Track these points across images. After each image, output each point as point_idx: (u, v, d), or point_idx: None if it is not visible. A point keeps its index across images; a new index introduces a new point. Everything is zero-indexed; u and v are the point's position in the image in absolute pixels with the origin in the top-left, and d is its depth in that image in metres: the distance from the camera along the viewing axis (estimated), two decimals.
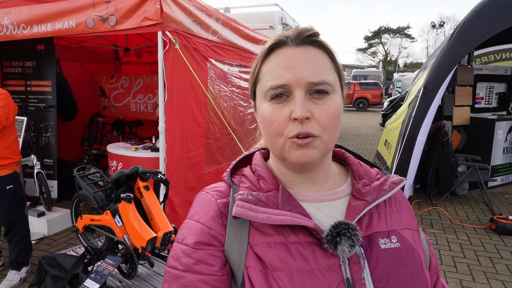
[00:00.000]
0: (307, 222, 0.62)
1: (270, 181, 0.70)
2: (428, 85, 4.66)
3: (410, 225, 0.74)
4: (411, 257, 0.67)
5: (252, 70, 0.71)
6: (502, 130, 5.63)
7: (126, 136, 5.88)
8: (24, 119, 3.76)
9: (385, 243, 0.67)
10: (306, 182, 0.70)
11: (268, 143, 0.68)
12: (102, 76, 5.63)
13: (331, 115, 0.63)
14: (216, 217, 0.67)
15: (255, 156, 0.77)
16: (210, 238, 0.65)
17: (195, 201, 0.73)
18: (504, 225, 4.11)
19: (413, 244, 0.70)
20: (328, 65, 0.65)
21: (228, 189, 0.72)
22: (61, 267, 2.41)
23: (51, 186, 4.41)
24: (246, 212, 0.62)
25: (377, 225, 0.69)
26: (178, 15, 3.18)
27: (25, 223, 3.17)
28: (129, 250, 2.16)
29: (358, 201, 0.69)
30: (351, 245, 0.61)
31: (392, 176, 0.75)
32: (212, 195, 0.71)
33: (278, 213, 0.63)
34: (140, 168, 2.35)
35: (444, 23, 37.10)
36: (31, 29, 3.47)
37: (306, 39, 0.65)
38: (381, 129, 12.59)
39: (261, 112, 0.66)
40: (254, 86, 0.70)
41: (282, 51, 0.65)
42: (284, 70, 0.63)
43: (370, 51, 52.30)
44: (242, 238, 0.65)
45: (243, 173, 0.74)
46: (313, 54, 0.64)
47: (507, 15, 4.45)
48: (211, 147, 3.92)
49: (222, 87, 4.09)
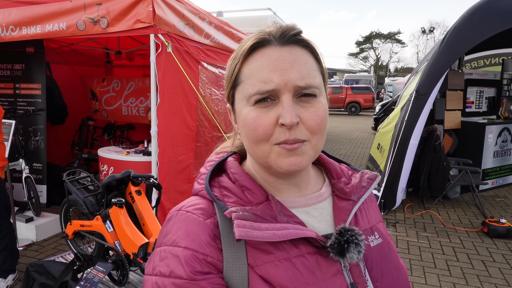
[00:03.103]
0: (309, 232, 0.60)
1: (257, 191, 0.64)
2: (420, 89, 4.69)
3: (380, 218, 0.76)
4: (390, 251, 0.70)
5: (229, 71, 0.65)
6: (492, 134, 5.70)
7: (118, 140, 5.81)
8: (13, 122, 3.68)
9: (372, 241, 0.68)
10: (291, 187, 0.67)
11: (251, 150, 0.62)
12: (93, 79, 5.57)
13: (320, 118, 0.59)
14: (210, 241, 0.58)
15: (230, 163, 0.69)
16: (208, 266, 0.57)
17: (174, 222, 0.62)
18: (496, 228, 4.14)
19: (387, 237, 0.72)
20: (314, 66, 0.61)
21: (209, 205, 0.63)
22: (49, 275, 2.34)
23: (40, 191, 4.32)
24: (251, 232, 0.56)
25: (362, 223, 0.69)
26: (170, 18, 3.16)
27: (9, 230, 3.05)
28: (120, 256, 2.12)
29: (343, 201, 0.68)
30: (359, 251, 0.60)
31: (366, 171, 0.74)
32: (197, 215, 0.61)
33: (280, 227, 0.59)
34: (132, 172, 2.31)
35: (434, 29, 37.65)
36: (20, 31, 3.41)
37: (291, 38, 0.60)
38: (373, 133, 12.68)
39: (243, 116, 0.61)
40: (233, 89, 0.64)
41: (266, 51, 0.59)
42: (271, 72, 0.57)
43: (361, 56, 52.84)
44: (241, 260, 0.58)
45: (221, 184, 0.66)
46: (299, 54, 0.59)
47: (497, 21, 4.52)
48: (201, 151, 3.89)
49: (213, 91, 4.07)
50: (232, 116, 0.67)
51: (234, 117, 0.66)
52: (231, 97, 0.66)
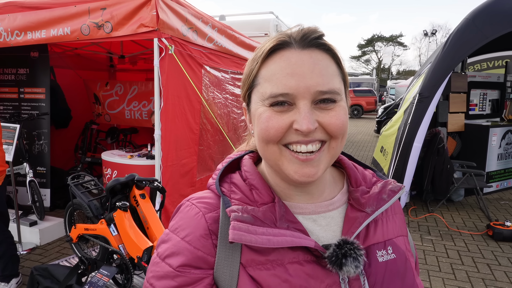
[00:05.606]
0: (307, 242, 0.59)
1: (264, 192, 0.63)
2: (423, 92, 4.68)
3: (402, 231, 0.72)
4: (405, 268, 0.66)
5: (247, 71, 0.63)
6: (496, 136, 5.68)
7: (121, 143, 5.83)
8: (17, 126, 3.70)
9: (382, 255, 0.64)
10: (303, 195, 0.65)
11: (261, 151, 0.62)
12: (96, 83, 5.59)
13: (341, 122, 0.58)
14: (205, 236, 0.60)
15: (245, 161, 0.70)
16: (198, 261, 0.59)
17: (179, 212, 0.65)
18: (501, 231, 4.11)
19: (405, 253, 0.68)
20: (335, 71, 0.59)
21: (217, 200, 0.65)
22: (53, 278, 2.34)
23: (44, 194, 4.34)
24: (245, 236, 0.56)
25: (374, 236, 0.66)
26: (174, 22, 3.17)
27: (6, 237, 2.99)
28: (125, 260, 2.11)
29: (356, 212, 0.65)
30: (357, 266, 0.58)
31: (390, 181, 0.71)
32: (199, 208, 0.63)
33: (277, 233, 0.58)
34: (136, 176, 2.31)
35: (436, 31, 37.66)
36: (25, 36, 3.44)
37: (312, 41, 0.58)
38: (376, 136, 12.66)
39: (258, 115, 0.60)
40: (250, 90, 0.63)
41: (285, 54, 0.58)
42: (288, 76, 0.56)
43: (363, 59, 52.86)
44: (234, 258, 0.59)
45: (232, 180, 0.66)
46: (320, 59, 0.57)
47: (499, 23, 4.51)
48: (203, 154, 3.90)
49: (216, 94, 4.08)
50: (247, 116, 0.67)
51: (249, 117, 0.65)
52: (247, 98, 0.65)
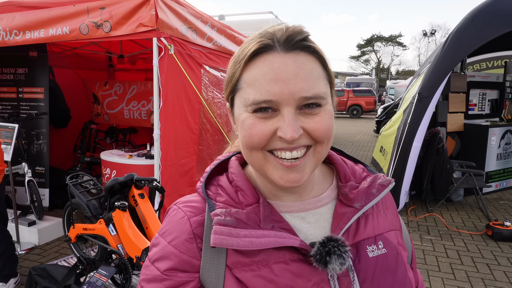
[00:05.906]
0: (292, 241, 0.58)
1: (249, 193, 0.63)
2: (422, 92, 4.68)
3: (395, 226, 0.71)
4: (396, 262, 0.65)
5: (229, 74, 0.61)
6: (496, 136, 5.68)
7: (120, 143, 5.82)
8: (16, 126, 3.69)
9: (372, 251, 0.64)
10: (291, 194, 0.65)
11: (246, 156, 0.61)
12: (95, 83, 5.58)
13: (326, 128, 0.56)
14: (190, 240, 0.60)
15: (231, 163, 0.69)
16: (184, 264, 0.60)
17: (167, 216, 0.66)
18: (500, 231, 4.11)
19: (397, 247, 0.67)
20: (321, 74, 0.57)
21: (203, 203, 0.65)
22: (52, 278, 2.34)
23: (43, 194, 4.33)
24: (226, 240, 0.56)
25: (364, 232, 0.65)
26: (173, 22, 3.17)
27: (4, 237, 2.98)
28: (123, 260, 2.11)
29: (345, 207, 0.65)
30: (342, 263, 0.58)
31: (380, 176, 0.69)
32: (184, 213, 0.63)
33: (260, 234, 0.58)
34: (135, 175, 2.31)
35: (435, 31, 37.68)
36: (23, 36, 3.43)
37: (297, 44, 0.55)
38: (375, 136, 12.66)
39: (241, 121, 0.58)
40: (233, 94, 0.61)
41: (268, 58, 0.55)
42: (272, 82, 0.54)
43: (363, 59, 52.89)
44: (220, 260, 0.59)
45: (219, 183, 0.66)
46: (305, 62, 0.55)
47: (499, 23, 4.51)
48: (203, 154, 3.89)
49: (216, 94, 4.08)
50: (231, 118, 0.65)
51: (233, 119, 0.64)
52: (230, 100, 0.63)
